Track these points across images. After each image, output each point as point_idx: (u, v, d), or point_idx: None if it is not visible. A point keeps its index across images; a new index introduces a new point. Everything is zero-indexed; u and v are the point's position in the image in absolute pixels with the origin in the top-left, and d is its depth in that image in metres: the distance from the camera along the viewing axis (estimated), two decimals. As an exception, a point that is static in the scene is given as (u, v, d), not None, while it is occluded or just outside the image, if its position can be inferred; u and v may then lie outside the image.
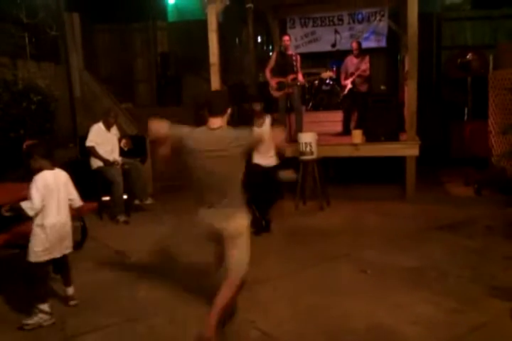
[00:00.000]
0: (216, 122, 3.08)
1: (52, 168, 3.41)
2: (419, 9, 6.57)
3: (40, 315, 3.32)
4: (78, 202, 3.63)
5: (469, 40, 10.73)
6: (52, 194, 3.34)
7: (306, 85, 8.29)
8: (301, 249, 4.73)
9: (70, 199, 3.53)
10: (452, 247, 4.59)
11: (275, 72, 7.32)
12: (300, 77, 7.30)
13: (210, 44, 7.20)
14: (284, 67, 7.25)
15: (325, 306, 3.47)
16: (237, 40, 9.43)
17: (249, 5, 8.77)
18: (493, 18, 10.52)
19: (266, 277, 4.05)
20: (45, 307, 3.34)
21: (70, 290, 3.64)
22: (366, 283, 3.86)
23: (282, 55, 7.34)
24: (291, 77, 7.21)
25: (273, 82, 7.32)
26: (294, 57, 7.32)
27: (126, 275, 4.24)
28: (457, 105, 9.35)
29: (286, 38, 7.34)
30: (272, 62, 7.40)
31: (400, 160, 7.47)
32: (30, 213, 3.28)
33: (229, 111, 3.16)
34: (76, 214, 3.86)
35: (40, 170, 3.35)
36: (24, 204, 3.26)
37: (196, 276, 4.12)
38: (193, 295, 3.74)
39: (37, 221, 3.32)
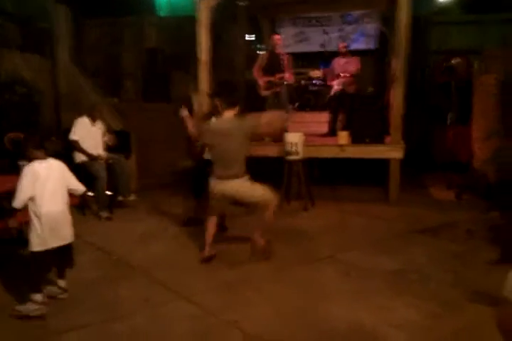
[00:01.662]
0: (230, 113, 4.24)
1: (45, 158, 3.45)
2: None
3: (29, 305, 3.30)
4: (81, 189, 3.71)
5: (456, 44, 10.83)
6: (45, 183, 3.35)
7: (294, 85, 8.27)
8: (285, 249, 4.72)
9: (71, 189, 3.59)
10: (434, 251, 4.64)
11: (264, 71, 7.32)
12: (288, 76, 7.30)
13: (200, 40, 7.17)
14: (273, 66, 7.25)
15: (309, 308, 3.47)
16: (226, 37, 9.38)
17: (242, 3, 8.73)
18: (481, 22, 10.64)
19: (249, 277, 4.06)
20: (37, 297, 3.32)
21: (62, 283, 3.62)
22: (350, 285, 3.87)
23: (272, 53, 7.34)
24: (279, 75, 7.22)
25: (262, 81, 7.31)
26: (282, 56, 7.33)
27: (109, 273, 4.20)
28: (441, 109, 9.43)
29: (277, 37, 7.35)
30: (261, 61, 7.39)
31: (384, 163, 7.54)
32: (16, 205, 3.31)
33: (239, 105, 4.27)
34: (81, 201, 4.13)
35: (33, 160, 3.40)
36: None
37: (180, 274, 4.12)
38: (177, 293, 3.74)
39: (32, 210, 3.35)
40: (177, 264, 4.39)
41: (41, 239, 3.35)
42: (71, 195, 3.63)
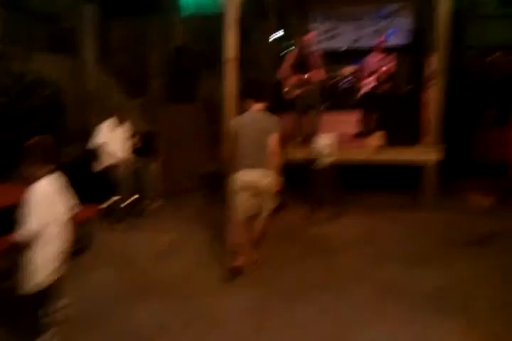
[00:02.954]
0: (259, 106, 4.42)
1: (46, 175, 2.83)
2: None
3: None
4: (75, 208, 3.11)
5: (495, 39, 10.28)
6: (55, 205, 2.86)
7: (328, 81, 7.92)
8: (316, 265, 4.43)
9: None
10: (477, 265, 4.27)
11: (295, 69, 7.02)
12: (320, 73, 6.98)
13: (227, 38, 6.92)
14: (305, 63, 6.94)
15: (342, 337, 3.16)
16: (255, 35, 9.12)
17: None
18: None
19: (279, 296, 3.78)
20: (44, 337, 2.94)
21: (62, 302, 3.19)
22: (387, 308, 3.54)
23: (304, 51, 7.02)
24: (311, 73, 6.90)
25: (289, 81, 7.01)
26: (314, 53, 7.01)
27: (128, 291, 3.94)
28: (481, 108, 8.93)
29: (310, 35, 7.01)
30: (291, 59, 7.09)
31: (414, 167, 7.12)
32: (25, 237, 2.75)
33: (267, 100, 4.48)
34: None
35: (34, 178, 2.79)
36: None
37: (204, 294, 3.85)
38: (200, 317, 3.48)
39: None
40: (200, 283, 4.11)
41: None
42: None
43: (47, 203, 2.79)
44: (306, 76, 6.93)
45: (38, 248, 2.80)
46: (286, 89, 7.01)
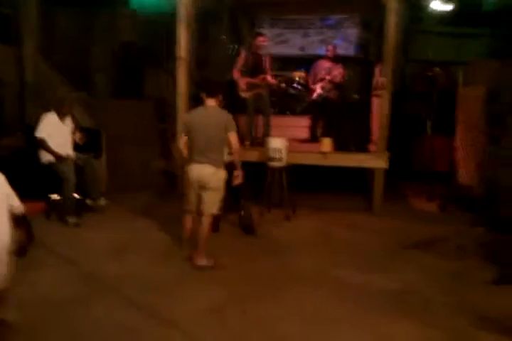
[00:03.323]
0: (211, 102, 4.39)
1: None
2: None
3: None
4: (20, 209, 2.78)
5: (434, 55, 10.83)
6: None
7: (277, 86, 7.95)
8: (272, 264, 4.42)
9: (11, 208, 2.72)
10: (429, 268, 4.41)
11: (244, 72, 7.00)
12: (270, 77, 7.01)
13: (179, 37, 6.78)
14: (254, 67, 6.95)
15: (302, 337, 3.14)
16: (207, 36, 9.00)
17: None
18: (457, 35, 10.70)
19: (234, 297, 3.70)
20: None
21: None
22: (347, 308, 3.56)
23: (253, 54, 7.03)
24: (260, 77, 6.92)
25: (242, 83, 6.98)
26: (264, 58, 7.04)
27: (81, 292, 3.74)
28: (420, 119, 9.32)
29: (261, 38, 7.02)
30: (241, 62, 7.06)
31: (363, 170, 7.32)
32: None
33: (221, 96, 4.46)
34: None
35: None
36: None
37: (160, 294, 3.72)
38: (158, 318, 3.34)
39: None
40: (156, 281, 3.97)
41: None
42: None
43: None
44: (256, 79, 6.93)
45: None
46: (240, 91, 6.97)
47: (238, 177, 4.34)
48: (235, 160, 4.39)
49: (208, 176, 4.25)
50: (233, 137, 4.33)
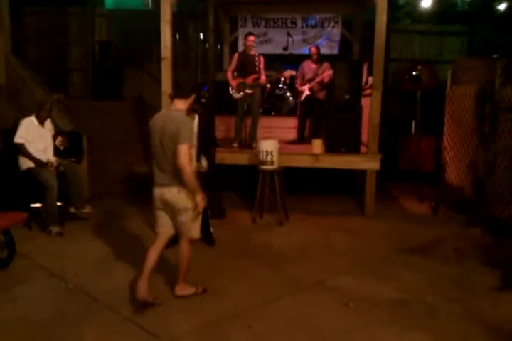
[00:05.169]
0: (178, 104, 3.52)
1: None
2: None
3: None
4: None
5: (416, 53, 10.84)
6: None
7: (268, 86, 7.76)
8: (269, 274, 4.23)
9: None
10: (429, 274, 4.28)
11: (237, 73, 6.84)
12: (262, 77, 6.85)
13: (163, 36, 6.56)
14: (246, 67, 6.78)
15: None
16: (188, 34, 8.76)
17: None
18: (438, 33, 10.75)
19: (236, 310, 3.51)
20: None
21: None
22: (351, 319, 3.42)
23: (244, 55, 6.86)
24: (252, 77, 6.75)
25: (234, 83, 6.81)
26: (256, 58, 6.88)
27: (67, 308, 3.50)
28: (405, 118, 9.27)
29: (251, 38, 6.86)
30: (234, 63, 6.92)
31: (352, 172, 7.22)
32: None
33: (192, 97, 3.57)
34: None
35: None
36: None
37: (155, 309, 3.49)
38: (154, 336, 3.12)
39: None
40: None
41: None
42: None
43: None
44: (247, 79, 6.76)
45: None
46: (231, 92, 6.80)
47: (200, 203, 3.42)
48: (188, 182, 3.34)
49: (172, 200, 3.46)
50: (181, 151, 3.28)
